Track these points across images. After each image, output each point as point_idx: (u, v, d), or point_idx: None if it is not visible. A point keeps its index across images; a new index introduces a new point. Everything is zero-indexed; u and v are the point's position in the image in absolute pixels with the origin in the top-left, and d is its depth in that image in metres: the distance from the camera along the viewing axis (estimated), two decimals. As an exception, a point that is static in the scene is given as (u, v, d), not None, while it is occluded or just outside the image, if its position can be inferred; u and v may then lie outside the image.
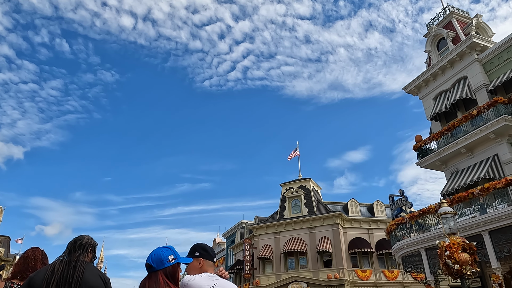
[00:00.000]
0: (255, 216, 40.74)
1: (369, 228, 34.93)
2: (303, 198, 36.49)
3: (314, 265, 33.19)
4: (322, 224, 34.21)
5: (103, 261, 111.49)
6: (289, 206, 36.86)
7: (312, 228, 34.52)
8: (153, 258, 2.61)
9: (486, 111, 16.40)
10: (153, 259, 2.61)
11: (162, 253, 2.64)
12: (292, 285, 32.91)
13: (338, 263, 32.31)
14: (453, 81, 19.17)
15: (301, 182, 37.89)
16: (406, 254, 16.98)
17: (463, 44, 18.47)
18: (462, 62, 18.82)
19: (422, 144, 19.58)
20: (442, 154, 18.30)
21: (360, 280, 32.39)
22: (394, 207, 18.23)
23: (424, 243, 15.62)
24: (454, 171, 18.24)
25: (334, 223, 33.78)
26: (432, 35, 21.27)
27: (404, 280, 33.04)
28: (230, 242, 47.61)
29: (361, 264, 33.46)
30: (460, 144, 17.38)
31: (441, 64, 19.58)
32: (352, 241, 33.71)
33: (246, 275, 35.58)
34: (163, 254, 2.63)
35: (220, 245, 52.00)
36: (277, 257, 34.89)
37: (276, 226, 36.08)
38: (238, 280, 41.17)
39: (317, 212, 35.13)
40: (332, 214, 33.91)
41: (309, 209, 35.75)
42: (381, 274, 33.08)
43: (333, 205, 37.25)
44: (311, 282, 32.36)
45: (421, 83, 20.78)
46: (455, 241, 11.11)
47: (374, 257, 33.71)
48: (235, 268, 39.17)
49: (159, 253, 2.64)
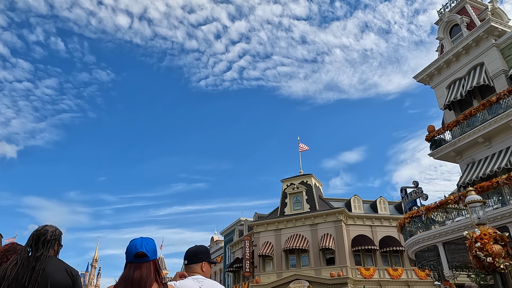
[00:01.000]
0: (255, 213, 39.74)
1: (372, 225, 34.01)
2: (304, 194, 35.51)
3: (316, 262, 32.22)
4: (325, 220, 33.25)
5: (98, 260, 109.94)
6: (290, 203, 35.87)
7: (314, 225, 33.55)
8: (148, 248, 2.44)
9: (506, 97, 15.49)
10: (147, 248, 2.43)
11: (153, 243, 2.51)
12: (294, 283, 31.91)
13: (341, 260, 31.36)
14: (469, 68, 18.26)
15: (302, 178, 36.92)
16: (421, 249, 16.03)
17: (480, 29, 17.57)
18: (478, 48, 17.91)
19: (435, 135, 18.65)
20: (458, 144, 17.38)
21: (363, 278, 31.47)
22: (407, 200, 17.27)
23: (442, 237, 14.67)
24: (470, 162, 17.33)
25: (337, 219, 32.82)
26: (445, 21, 20.36)
27: (408, 278, 32.19)
28: (228, 240, 46.56)
29: (364, 262, 32.55)
30: (478, 133, 16.47)
31: (456, 51, 18.67)
32: (355, 238, 32.78)
33: (246, 273, 34.54)
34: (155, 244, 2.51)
35: (218, 243, 50.92)
36: (278, 254, 33.89)
37: (277, 223, 35.08)
38: (237, 279, 40.14)
39: (319, 209, 34.18)
40: (335, 211, 32.96)
41: (311, 206, 34.78)
42: (385, 272, 32.18)
43: (335, 202, 36.31)
44: (313, 280, 31.39)
45: (434, 71, 19.86)
46: (486, 231, 10.16)
47: (378, 254, 32.80)
48: (234, 266, 38.13)
49: (152, 242, 2.50)
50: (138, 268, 2.36)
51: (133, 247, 2.43)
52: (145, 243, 2.46)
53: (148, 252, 2.43)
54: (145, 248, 2.43)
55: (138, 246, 2.43)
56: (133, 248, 2.43)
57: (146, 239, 2.50)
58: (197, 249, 2.93)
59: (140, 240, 2.47)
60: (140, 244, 2.45)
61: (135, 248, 2.42)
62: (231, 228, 46.52)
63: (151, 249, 2.46)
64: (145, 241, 2.48)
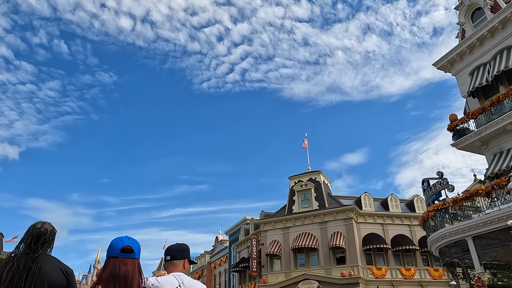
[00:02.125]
0: (261, 211, 38.64)
1: (383, 223, 32.86)
2: (313, 191, 34.40)
3: (326, 262, 31.08)
4: (335, 218, 32.12)
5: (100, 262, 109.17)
6: (298, 200, 34.76)
7: (324, 223, 32.42)
8: (135, 245, 2.45)
9: (539, 81, 14.38)
10: (134, 246, 2.44)
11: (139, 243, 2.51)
12: (303, 283, 30.78)
13: (352, 260, 30.21)
14: (494, 52, 17.15)
15: (310, 175, 35.81)
16: (447, 244, 14.89)
17: (507, 10, 16.47)
18: (505, 31, 16.81)
19: (458, 123, 17.54)
20: (484, 133, 16.26)
21: (375, 278, 30.31)
22: (430, 192, 16.13)
23: (472, 230, 13.54)
24: (498, 152, 16.21)
25: (347, 217, 31.68)
26: (466, 5, 19.27)
27: (421, 278, 31.00)
28: (233, 239, 45.44)
29: (376, 261, 31.37)
30: (507, 120, 15.35)
31: (480, 35, 17.57)
32: (366, 236, 31.64)
33: (253, 273, 33.42)
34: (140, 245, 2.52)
35: (223, 243, 49.78)
36: (286, 253, 32.77)
37: (284, 221, 33.97)
38: (243, 279, 39.03)
39: (329, 206, 33.05)
40: (345, 208, 31.82)
41: (319, 203, 33.66)
42: (398, 272, 31.01)
43: (345, 199, 35.18)
44: (323, 280, 30.25)
45: (455, 57, 18.76)
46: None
47: (390, 254, 31.63)
48: (240, 266, 37.02)
49: (137, 242, 2.51)
50: (124, 263, 2.32)
51: (119, 242, 2.40)
52: (132, 240, 2.45)
53: (134, 248, 2.41)
54: (132, 244, 2.41)
55: (125, 241, 2.41)
56: (119, 242, 2.40)
57: (132, 238, 2.48)
58: (180, 246, 2.94)
59: (126, 238, 2.45)
60: (127, 240, 2.43)
61: (122, 243, 2.39)
62: (236, 228, 45.41)
63: (137, 247, 2.45)
64: (132, 239, 2.46)
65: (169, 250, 2.89)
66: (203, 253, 54.97)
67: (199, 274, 54.08)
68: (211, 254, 52.95)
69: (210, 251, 54.00)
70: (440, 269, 31.66)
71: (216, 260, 49.83)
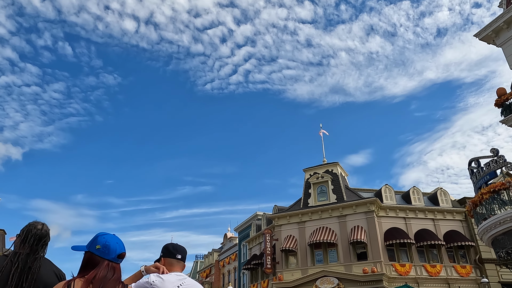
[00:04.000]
0: (274, 205, 36.68)
1: (406, 217, 30.84)
2: (330, 183, 32.45)
3: (346, 258, 29.11)
4: (354, 212, 30.14)
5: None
6: (314, 193, 32.81)
7: (343, 216, 30.46)
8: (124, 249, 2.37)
9: None
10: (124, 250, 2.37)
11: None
12: (321, 280, 28.83)
13: (374, 255, 28.21)
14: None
15: (327, 166, 33.87)
16: (505, 231, 12.92)
17: None
18: None
19: (508, 97, 15.59)
20: (542, 106, 14.32)
21: (398, 275, 28.29)
22: (481, 174, 14.17)
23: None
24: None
25: (368, 210, 29.70)
26: (513, -32, 17.32)
27: (448, 276, 28.96)
28: (243, 236, 43.53)
29: (398, 257, 29.37)
30: None
31: (532, -2, 15.65)
32: (388, 231, 29.63)
33: (267, 270, 31.48)
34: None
35: (232, 240, 47.89)
36: (302, 249, 30.82)
37: (300, 215, 32.02)
38: (255, 277, 37.11)
39: (347, 199, 31.10)
40: (366, 201, 29.85)
41: (337, 196, 31.70)
42: (422, 268, 28.99)
43: (363, 192, 33.19)
44: (343, 277, 28.28)
45: (502, 25, 16.79)
46: None
47: (414, 249, 29.62)
48: (252, 264, 35.12)
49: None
50: (117, 269, 2.27)
51: (117, 245, 2.29)
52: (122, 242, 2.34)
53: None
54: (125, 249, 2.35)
55: (121, 245, 2.32)
56: (117, 246, 2.29)
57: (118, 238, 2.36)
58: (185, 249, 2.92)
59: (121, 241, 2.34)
60: (122, 244, 2.34)
61: (120, 248, 2.30)
62: (246, 224, 43.50)
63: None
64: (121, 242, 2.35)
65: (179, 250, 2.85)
66: (211, 251, 53.07)
67: (207, 272, 52.20)
68: (219, 252, 51.06)
69: (219, 249, 52.09)
70: (467, 266, 29.66)
71: (224, 258, 47.94)
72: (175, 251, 2.81)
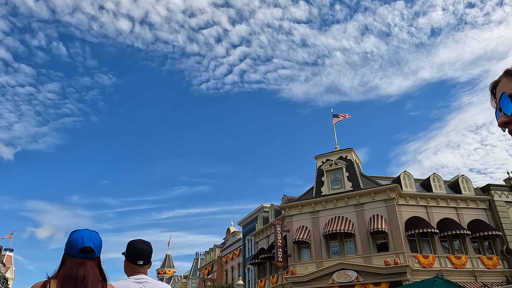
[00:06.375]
0: (284, 195, 34.49)
1: (427, 205, 28.71)
2: (344, 171, 30.27)
3: (365, 249, 26.91)
4: (373, 200, 27.97)
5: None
6: (327, 181, 30.61)
7: (360, 205, 28.27)
8: (96, 243, 2.18)
9: None
10: (95, 244, 2.17)
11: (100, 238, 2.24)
12: (338, 273, 26.62)
13: (396, 246, 26.02)
14: None
15: (341, 153, 31.69)
16: None
17: None
18: None
19: None
20: None
21: (422, 267, 26.13)
22: None
23: None
24: None
25: (388, 198, 27.52)
26: None
27: (474, 268, 26.85)
28: (248, 230, 41.29)
29: (421, 248, 27.23)
30: None
31: None
32: (409, 220, 27.48)
33: (278, 263, 29.20)
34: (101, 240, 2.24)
35: (235, 234, 45.61)
36: (316, 240, 28.60)
37: (313, 204, 29.79)
38: (262, 272, 34.85)
39: (364, 187, 28.94)
40: (385, 188, 27.68)
41: (353, 184, 29.52)
42: (447, 260, 26.86)
43: (380, 180, 31.06)
44: (362, 270, 26.08)
45: None
46: None
47: (437, 240, 27.47)
48: (259, 258, 32.88)
49: (99, 237, 2.23)
50: (83, 265, 2.09)
51: (79, 240, 2.13)
52: (93, 237, 2.18)
53: (95, 247, 2.16)
54: (93, 243, 2.15)
55: (86, 239, 2.14)
56: (79, 240, 2.13)
57: (93, 232, 2.22)
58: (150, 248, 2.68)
59: (87, 233, 2.18)
60: (88, 237, 2.15)
61: (82, 242, 2.12)
62: (252, 216, 41.28)
63: (98, 244, 2.19)
64: (93, 235, 2.20)
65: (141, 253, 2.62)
66: (213, 247, 50.72)
67: (209, 269, 49.86)
68: (222, 248, 48.74)
69: (221, 245, 49.76)
70: (494, 257, 27.58)
71: (228, 254, 45.64)
72: (136, 256, 2.61)
